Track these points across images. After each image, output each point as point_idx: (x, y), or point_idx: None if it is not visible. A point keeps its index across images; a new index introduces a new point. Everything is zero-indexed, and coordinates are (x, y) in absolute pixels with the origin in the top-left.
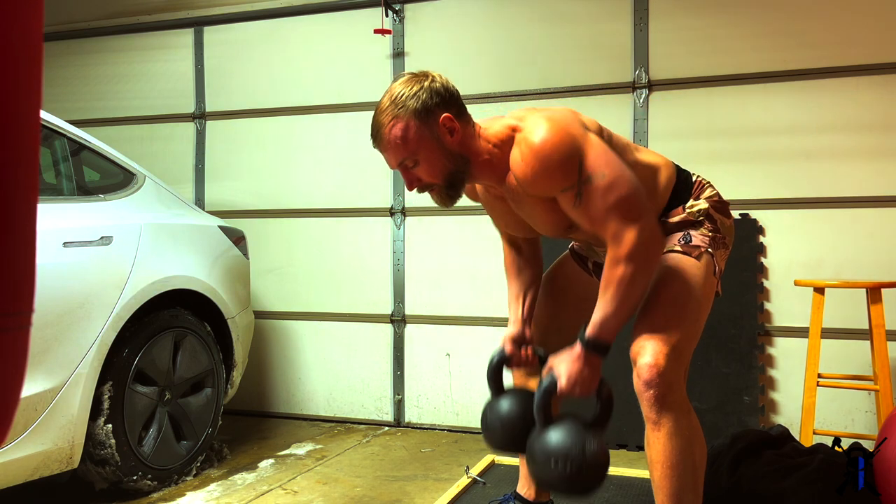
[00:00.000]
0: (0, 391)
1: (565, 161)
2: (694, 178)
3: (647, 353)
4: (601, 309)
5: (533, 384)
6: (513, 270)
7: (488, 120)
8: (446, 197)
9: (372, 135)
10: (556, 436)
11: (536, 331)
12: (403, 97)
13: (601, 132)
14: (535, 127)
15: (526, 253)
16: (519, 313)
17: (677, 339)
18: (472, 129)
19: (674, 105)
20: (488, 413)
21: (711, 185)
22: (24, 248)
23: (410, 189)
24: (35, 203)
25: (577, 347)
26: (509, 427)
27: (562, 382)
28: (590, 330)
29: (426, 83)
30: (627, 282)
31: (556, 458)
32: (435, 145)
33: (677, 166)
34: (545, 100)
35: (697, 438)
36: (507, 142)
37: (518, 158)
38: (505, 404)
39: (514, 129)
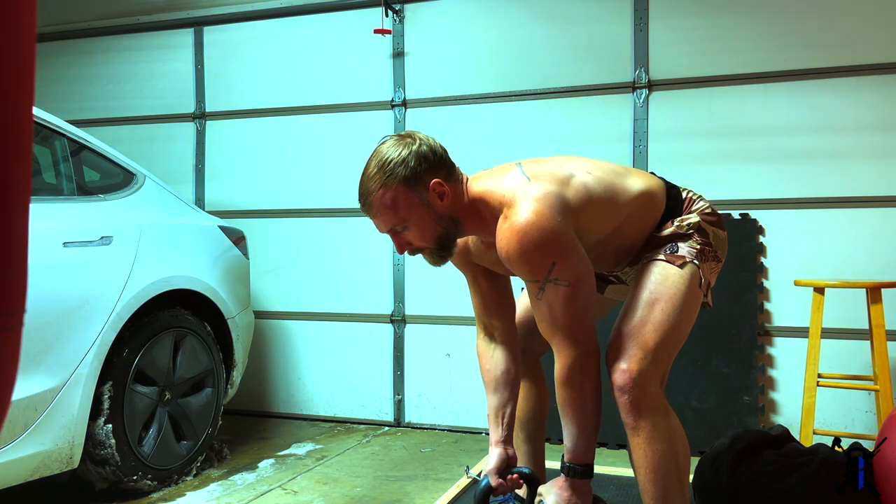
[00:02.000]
0: None
1: (540, 258)
2: (684, 195)
3: (621, 358)
4: (567, 434)
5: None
6: (489, 379)
7: (479, 175)
8: (438, 258)
9: (360, 199)
10: None
11: (520, 331)
12: (392, 164)
13: (588, 196)
14: (522, 211)
15: (501, 343)
16: (500, 435)
17: (654, 343)
18: (462, 187)
19: (674, 105)
20: None
21: (702, 199)
22: (16, 247)
23: (401, 252)
24: (27, 202)
25: (562, 477)
26: None
27: None
28: (568, 456)
29: (414, 147)
30: (575, 404)
31: None
32: (425, 211)
33: (667, 183)
34: (545, 100)
35: (679, 440)
36: (497, 207)
37: (501, 234)
38: None
39: (503, 204)
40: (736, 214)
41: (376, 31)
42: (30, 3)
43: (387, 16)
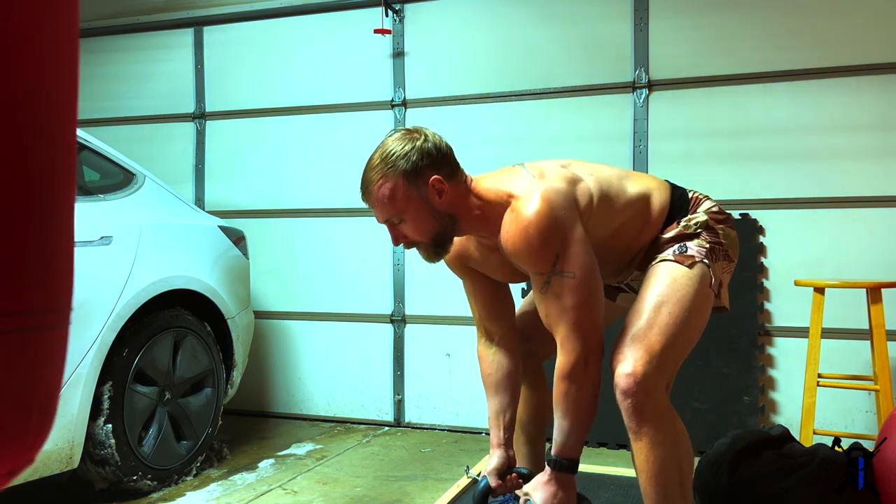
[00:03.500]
0: (41, 387)
1: (545, 248)
2: (690, 195)
3: (625, 361)
4: (558, 428)
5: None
6: (490, 383)
7: (486, 175)
8: (433, 254)
9: (361, 188)
10: None
11: (522, 335)
12: (394, 156)
13: (591, 199)
14: (529, 201)
15: (502, 347)
16: (500, 438)
17: (660, 347)
18: (463, 187)
19: (674, 105)
20: None
21: (709, 199)
22: (64, 242)
23: (396, 244)
24: (73, 197)
25: (547, 471)
26: None
27: None
28: (555, 449)
29: (418, 143)
30: (572, 399)
31: None
32: (422, 206)
33: (672, 185)
34: (545, 100)
35: (683, 446)
36: (503, 203)
37: (507, 226)
38: None
39: (511, 196)
40: (736, 214)
41: (376, 31)
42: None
43: (387, 16)
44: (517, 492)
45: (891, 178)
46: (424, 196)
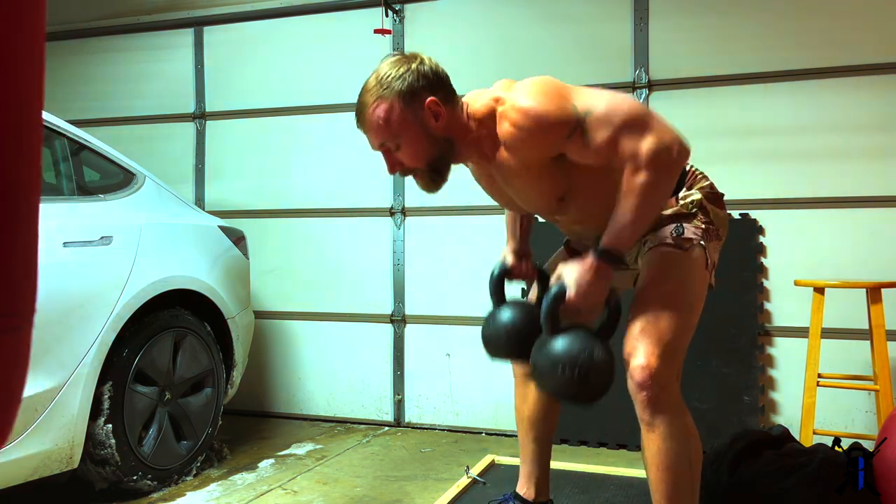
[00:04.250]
0: (3, 390)
1: (559, 109)
2: (689, 169)
3: (639, 354)
4: (618, 219)
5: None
6: (510, 214)
7: (473, 94)
8: (430, 182)
9: (356, 113)
10: (563, 342)
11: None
12: (389, 78)
13: (589, 110)
14: (519, 92)
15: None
16: (517, 230)
17: (670, 338)
18: (459, 111)
19: (674, 105)
20: (490, 322)
21: (705, 176)
22: (25, 247)
23: (392, 172)
24: (37, 202)
25: (590, 258)
26: (514, 334)
27: (571, 292)
28: (605, 239)
29: (414, 65)
30: (648, 189)
31: (564, 365)
32: (418, 129)
33: None
34: None
35: (693, 439)
36: (490, 116)
37: (508, 126)
38: (508, 313)
39: (497, 101)
40: (736, 214)
41: (376, 31)
42: (39, 1)
43: (387, 16)
44: (553, 273)
45: (891, 178)
46: (420, 119)
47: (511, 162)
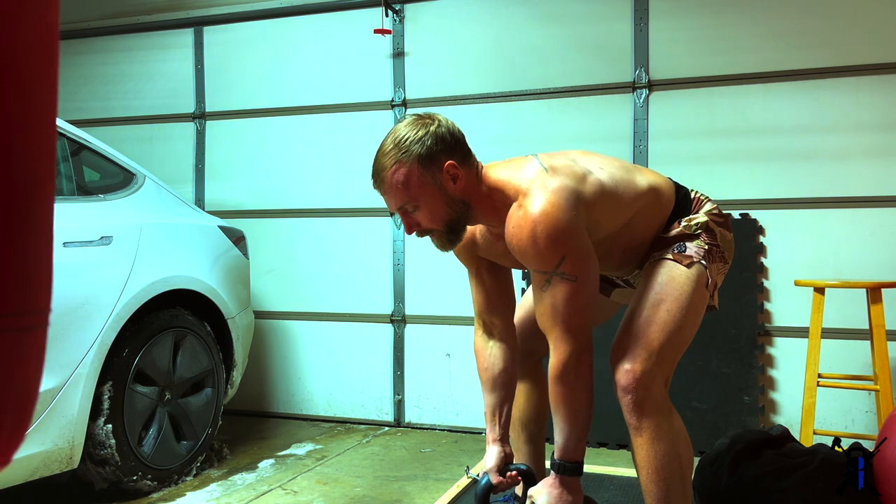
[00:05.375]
0: (19, 390)
1: (551, 249)
2: (693, 195)
3: (625, 358)
4: (558, 431)
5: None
6: (487, 378)
7: (502, 164)
8: (447, 241)
9: (373, 175)
10: None
11: (522, 333)
12: (408, 141)
13: (602, 192)
14: (538, 199)
15: (500, 341)
16: (497, 433)
17: (659, 344)
18: (475, 173)
19: (674, 105)
20: None
21: (710, 200)
22: (41, 246)
23: (409, 233)
24: (52, 202)
25: (552, 476)
26: None
27: None
28: (557, 453)
29: (432, 128)
30: (566, 401)
31: None
32: (437, 192)
33: (675, 183)
34: (545, 100)
35: (682, 441)
36: (511, 195)
37: (512, 221)
38: None
39: (519, 191)
40: (736, 214)
41: (376, 31)
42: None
43: (387, 16)
44: (526, 492)
45: (891, 178)
46: (439, 182)
47: (504, 245)
